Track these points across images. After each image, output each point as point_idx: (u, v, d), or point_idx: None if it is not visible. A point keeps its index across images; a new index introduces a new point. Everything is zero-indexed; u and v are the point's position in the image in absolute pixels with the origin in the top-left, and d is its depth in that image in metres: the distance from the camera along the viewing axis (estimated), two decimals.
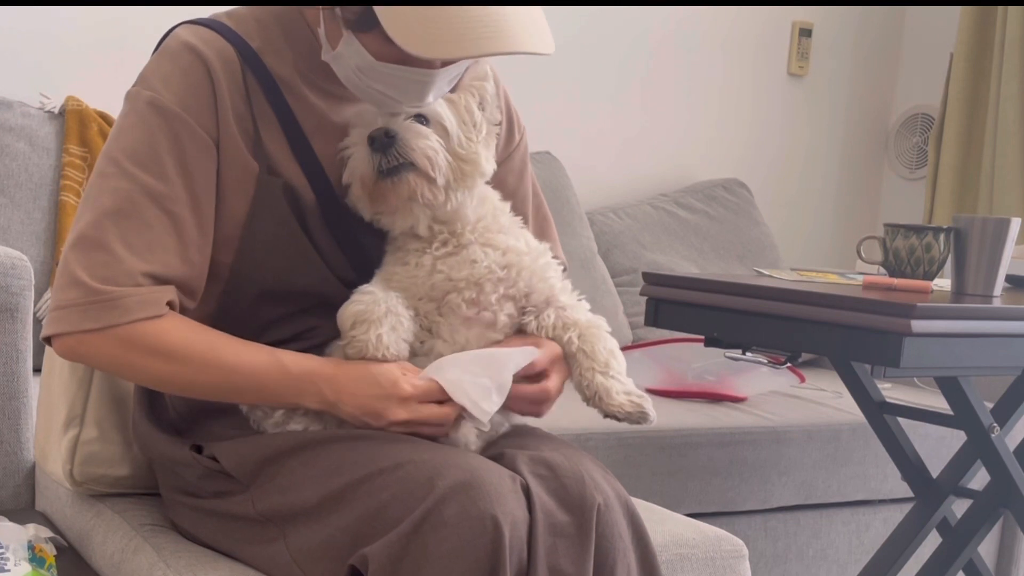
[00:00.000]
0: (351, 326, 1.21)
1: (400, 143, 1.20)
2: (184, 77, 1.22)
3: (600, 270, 2.82)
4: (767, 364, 2.27)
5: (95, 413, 1.43)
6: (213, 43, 1.24)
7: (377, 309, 1.21)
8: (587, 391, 1.27)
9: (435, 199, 1.23)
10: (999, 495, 1.95)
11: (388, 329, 1.21)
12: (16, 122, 2.25)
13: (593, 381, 1.26)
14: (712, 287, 1.78)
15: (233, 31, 1.26)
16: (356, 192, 1.26)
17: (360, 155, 1.23)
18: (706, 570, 1.40)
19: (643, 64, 3.20)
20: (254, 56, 1.26)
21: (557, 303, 1.29)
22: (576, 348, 1.27)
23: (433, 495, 1.08)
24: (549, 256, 1.32)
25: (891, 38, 3.61)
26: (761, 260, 3.08)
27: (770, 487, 2.32)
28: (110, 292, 1.16)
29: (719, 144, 3.36)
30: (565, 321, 1.28)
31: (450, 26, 1.11)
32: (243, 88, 1.25)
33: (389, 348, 1.20)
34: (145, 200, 1.19)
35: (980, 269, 1.80)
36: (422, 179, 1.22)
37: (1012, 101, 3.14)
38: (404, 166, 1.21)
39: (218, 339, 1.22)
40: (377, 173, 1.22)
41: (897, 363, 1.53)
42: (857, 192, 3.64)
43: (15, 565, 1.31)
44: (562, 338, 1.28)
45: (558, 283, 1.31)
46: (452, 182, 1.24)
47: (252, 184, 1.25)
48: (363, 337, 1.20)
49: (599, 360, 1.26)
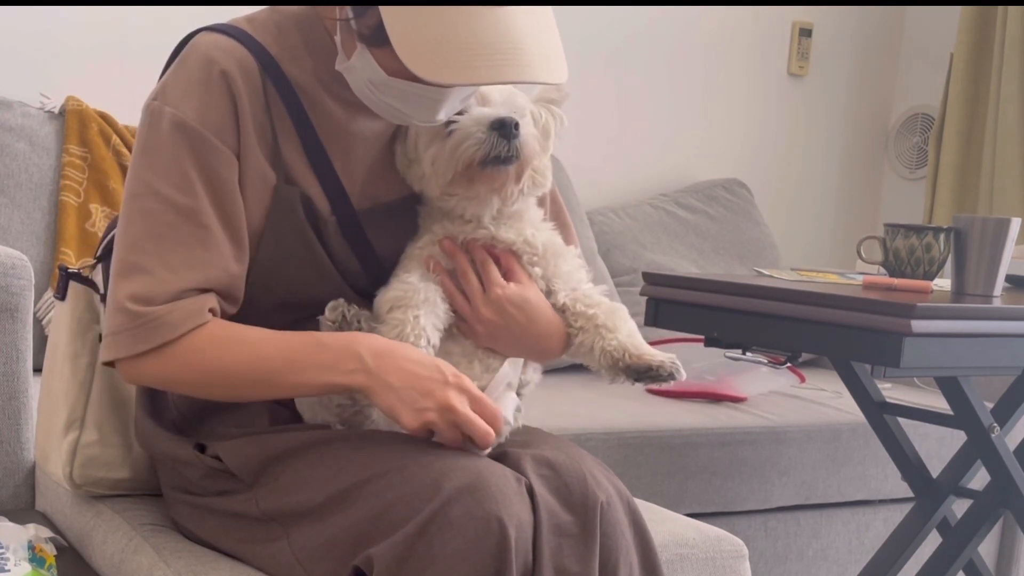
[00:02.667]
0: (388, 310, 1.22)
1: (523, 137, 1.22)
2: (205, 92, 1.22)
3: (600, 270, 2.82)
4: (767, 364, 2.27)
5: (95, 416, 1.43)
6: (233, 52, 1.24)
7: (416, 296, 1.22)
8: (615, 353, 1.25)
9: (511, 196, 1.27)
10: (999, 495, 1.95)
11: (425, 314, 1.21)
12: (16, 122, 2.25)
13: (619, 343, 1.25)
14: (712, 287, 1.79)
15: (253, 39, 1.26)
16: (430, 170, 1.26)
17: (477, 136, 1.22)
18: (706, 570, 1.40)
19: (643, 64, 3.20)
20: (274, 64, 1.25)
21: (581, 290, 1.31)
22: (599, 322, 1.27)
23: (439, 497, 1.08)
24: (576, 256, 1.35)
25: (891, 38, 3.61)
26: (761, 260, 3.08)
27: (770, 487, 2.32)
28: (154, 312, 1.18)
29: (719, 144, 3.36)
30: (589, 301, 1.29)
31: (461, 50, 1.10)
32: (263, 98, 1.24)
33: (426, 329, 1.21)
34: (178, 219, 1.20)
35: (980, 269, 1.80)
36: (515, 175, 1.24)
37: (1012, 101, 3.14)
38: (514, 159, 1.23)
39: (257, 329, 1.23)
40: (490, 158, 1.22)
41: (897, 363, 1.54)
42: (857, 192, 3.64)
43: (15, 565, 1.31)
44: (585, 313, 1.28)
45: (584, 276, 1.34)
46: (526, 187, 1.27)
47: (269, 194, 1.25)
48: (400, 317, 1.21)
49: (621, 331, 1.26)
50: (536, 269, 1.30)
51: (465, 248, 1.29)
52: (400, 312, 1.21)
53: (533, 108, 1.31)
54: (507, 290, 1.27)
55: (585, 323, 1.28)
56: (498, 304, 1.27)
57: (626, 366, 1.25)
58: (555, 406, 2.16)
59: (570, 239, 1.41)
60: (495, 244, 1.29)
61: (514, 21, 1.13)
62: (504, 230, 1.29)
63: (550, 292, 1.30)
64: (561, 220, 1.45)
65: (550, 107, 1.32)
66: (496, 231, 1.29)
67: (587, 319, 1.28)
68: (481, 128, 1.22)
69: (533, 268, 1.30)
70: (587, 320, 1.28)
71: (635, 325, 1.30)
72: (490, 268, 1.28)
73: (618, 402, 2.29)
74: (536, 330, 1.29)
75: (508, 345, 1.29)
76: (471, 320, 1.28)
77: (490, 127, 1.21)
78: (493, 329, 1.28)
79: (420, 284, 1.24)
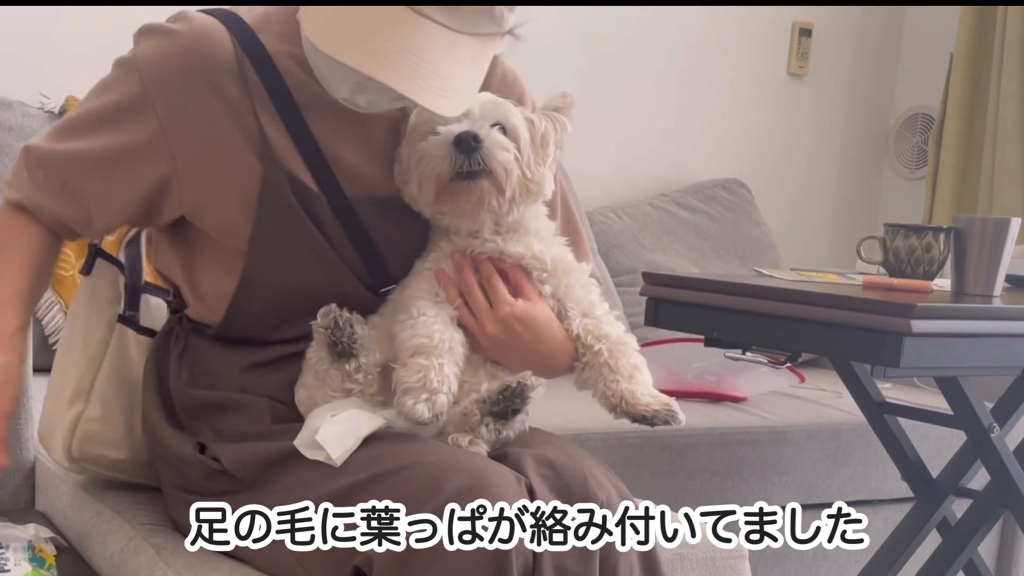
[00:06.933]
0: (412, 355, 1.22)
1: (485, 150, 1.22)
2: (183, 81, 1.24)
3: (600, 270, 2.82)
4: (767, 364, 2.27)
5: (101, 391, 1.43)
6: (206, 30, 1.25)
7: (441, 345, 1.22)
8: (612, 399, 1.25)
9: (500, 209, 1.26)
10: (999, 495, 1.95)
11: (448, 363, 1.21)
12: (16, 122, 2.25)
13: (618, 388, 1.25)
14: (712, 287, 1.78)
15: (233, 15, 1.27)
16: (417, 191, 1.27)
17: (440, 153, 1.23)
18: (706, 570, 1.40)
19: (643, 64, 3.20)
20: (254, 40, 1.26)
21: (593, 314, 1.30)
22: (603, 360, 1.27)
23: (439, 497, 1.08)
24: (588, 274, 1.34)
25: (891, 38, 3.61)
26: (761, 260, 3.08)
27: (770, 487, 2.32)
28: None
29: (719, 144, 3.36)
30: (598, 333, 1.28)
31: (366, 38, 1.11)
32: (239, 79, 1.25)
33: (448, 378, 1.20)
34: None
35: (980, 269, 1.80)
36: (494, 188, 1.24)
37: (1012, 101, 3.13)
38: (483, 172, 1.23)
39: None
40: (455, 174, 1.23)
41: (897, 363, 1.53)
42: (857, 192, 3.64)
43: (15, 565, 1.31)
44: (592, 347, 1.28)
45: (597, 298, 1.32)
46: (517, 196, 1.26)
47: (258, 179, 1.25)
48: (424, 363, 1.20)
49: (623, 373, 1.26)
50: (546, 287, 1.30)
51: (473, 262, 1.29)
52: (424, 359, 1.21)
53: (533, 117, 1.30)
54: (515, 308, 1.27)
55: (591, 359, 1.28)
56: (505, 322, 1.27)
57: (623, 412, 1.25)
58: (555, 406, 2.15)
59: (583, 255, 1.40)
60: (503, 259, 1.29)
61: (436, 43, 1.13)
62: (511, 244, 1.29)
63: (563, 316, 1.30)
64: (573, 232, 1.45)
65: (553, 115, 1.31)
66: (503, 245, 1.28)
67: (593, 355, 1.28)
68: (443, 146, 1.23)
69: (543, 286, 1.30)
70: (593, 356, 1.28)
71: (642, 360, 1.29)
72: (496, 284, 1.28)
73: None
74: (543, 348, 1.28)
75: (514, 361, 1.29)
76: (477, 336, 1.28)
77: (451, 143, 1.22)
78: (499, 345, 1.28)
79: (445, 332, 1.24)
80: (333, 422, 1.19)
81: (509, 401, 1.22)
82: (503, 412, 1.22)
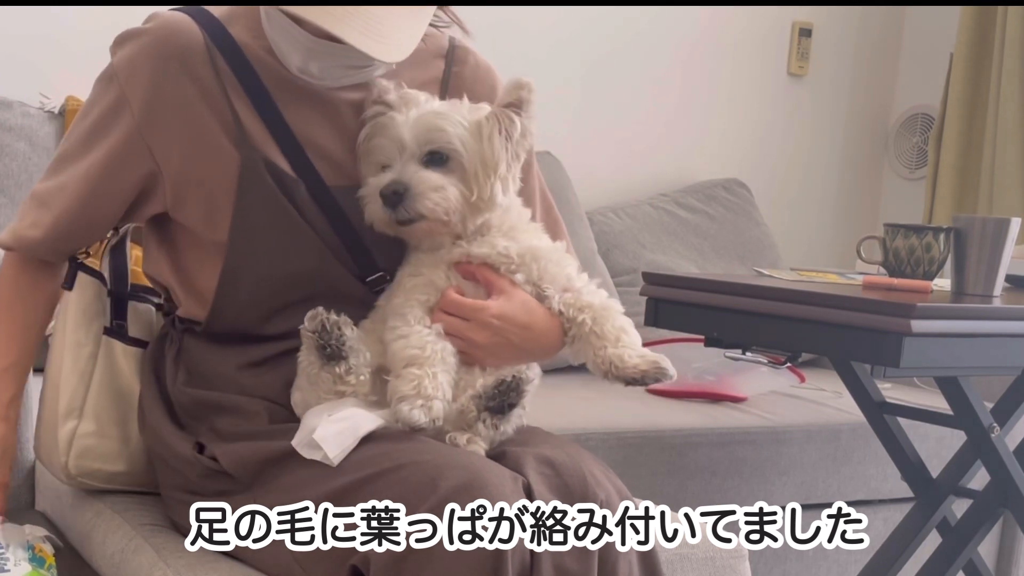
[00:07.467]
0: (405, 366, 1.22)
1: (410, 199, 1.23)
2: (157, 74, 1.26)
3: (600, 270, 2.82)
4: (767, 364, 2.27)
5: (94, 406, 1.43)
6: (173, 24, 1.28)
7: (434, 356, 1.22)
8: (602, 366, 1.26)
9: (451, 231, 1.27)
10: (999, 495, 1.95)
11: (442, 372, 1.22)
12: (16, 122, 2.25)
13: (605, 354, 1.26)
14: (712, 287, 1.78)
15: (203, 10, 1.29)
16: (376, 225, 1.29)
17: (374, 205, 1.26)
18: (706, 570, 1.40)
19: (643, 64, 3.20)
20: (221, 30, 1.28)
21: (573, 287, 1.31)
22: (588, 329, 1.27)
23: (435, 496, 1.08)
24: (564, 251, 1.34)
25: (891, 38, 3.61)
26: (761, 260, 3.08)
27: (770, 487, 2.32)
28: None
29: (719, 144, 3.36)
30: (580, 303, 1.29)
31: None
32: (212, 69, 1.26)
33: (443, 386, 1.21)
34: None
35: (980, 269, 1.80)
36: (435, 226, 1.26)
37: (1012, 101, 3.14)
38: (414, 219, 1.24)
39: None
40: (390, 222, 1.26)
41: (897, 363, 1.53)
42: (857, 192, 3.64)
43: (15, 565, 1.31)
44: (576, 319, 1.28)
45: (574, 272, 1.32)
46: (467, 217, 1.27)
47: (235, 165, 1.27)
48: (418, 373, 1.20)
49: (609, 338, 1.26)
50: (518, 276, 1.29)
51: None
52: (418, 368, 1.21)
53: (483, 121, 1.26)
54: (491, 308, 1.27)
55: (577, 330, 1.28)
56: (488, 325, 1.27)
57: (615, 376, 1.26)
58: (555, 406, 2.16)
59: (558, 234, 1.41)
60: (470, 260, 1.29)
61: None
62: (476, 246, 1.29)
63: (543, 297, 1.30)
64: (552, 216, 1.46)
65: (505, 114, 1.27)
66: (468, 248, 1.29)
67: (578, 326, 1.28)
68: (374, 198, 1.25)
69: (515, 275, 1.29)
70: (578, 327, 1.28)
71: (627, 321, 1.29)
72: (461, 302, 1.27)
73: (618, 402, 2.29)
74: (532, 332, 1.28)
75: (513, 355, 1.29)
76: (470, 350, 1.28)
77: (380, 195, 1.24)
78: (493, 347, 1.28)
79: (437, 343, 1.24)
80: (330, 421, 1.19)
81: (505, 395, 1.22)
82: (499, 407, 1.23)
